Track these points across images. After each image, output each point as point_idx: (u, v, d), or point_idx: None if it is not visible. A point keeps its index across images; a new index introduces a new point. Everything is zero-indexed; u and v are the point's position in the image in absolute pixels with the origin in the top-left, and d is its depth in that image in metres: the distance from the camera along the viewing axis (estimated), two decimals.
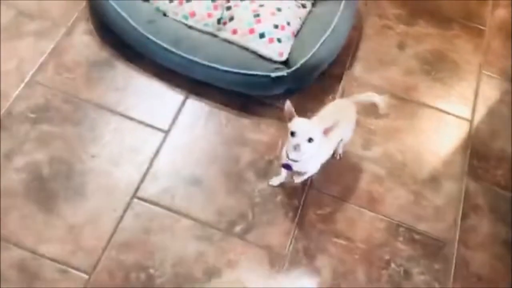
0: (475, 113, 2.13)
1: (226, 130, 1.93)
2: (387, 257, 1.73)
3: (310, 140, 1.44)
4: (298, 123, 1.46)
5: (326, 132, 1.46)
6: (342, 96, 2.06)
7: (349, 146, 1.91)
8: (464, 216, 1.85)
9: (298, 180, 1.75)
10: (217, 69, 1.87)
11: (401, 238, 1.78)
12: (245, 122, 1.95)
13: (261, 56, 1.89)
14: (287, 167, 1.61)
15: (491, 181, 1.96)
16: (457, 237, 1.80)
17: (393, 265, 1.72)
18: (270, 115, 1.98)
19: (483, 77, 2.24)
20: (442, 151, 2.01)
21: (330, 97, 2.06)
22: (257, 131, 1.94)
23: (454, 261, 1.76)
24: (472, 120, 2.11)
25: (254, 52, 1.89)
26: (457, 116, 2.11)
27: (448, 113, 2.11)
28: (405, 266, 1.72)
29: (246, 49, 1.90)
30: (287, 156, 1.54)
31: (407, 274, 1.71)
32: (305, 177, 1.71)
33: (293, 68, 1.87)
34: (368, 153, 1.94)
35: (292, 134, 1.45)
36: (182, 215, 1.70)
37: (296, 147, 1.44)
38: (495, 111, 2.16)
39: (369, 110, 2.02)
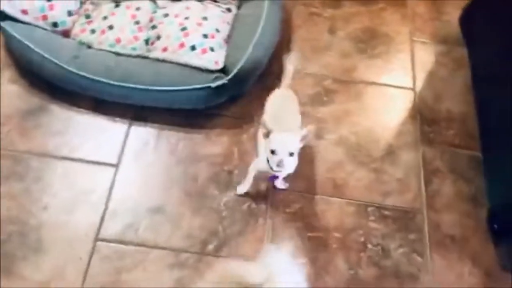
0: (416, 81, 2.18)
1: (178, 150, 1.88)
2: (362, 239, 1.74)
3: (291, 154, 1.45)
4: (277, 140, 1.45)
5: (303, 140, 1.47)
6: None
7: None
8: (427, 182, 1.89)
9: (283, 186, 1.78)
10: (155, 91, 1.83)
11: (372, 218, 1.79)
12: (196, 137, 1.91)
13: (197, 68, 1.85)
14: (274, 177, 1.68)
15: (445, 142, 2.00)
16: (425, 204, 1.83)
17: (369, 245, 1.73)
18: (218, 125, 1.94)
19: (416, 44, 2.29)
20: (393, 124, 2.04)
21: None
22: (209, 144, 1.90)
23: (426, 228, 1.79)
24: (414, 88, 2.15)
25: (189, 66, 1.85)
26: (400, 87, 2.15)
27: (391, 86, 2.15)
28: (381, 244, 1.74)
29: (180, 64, 1.86)
30: (271, 169, 1.52)
31: (385, 251, 1.73)
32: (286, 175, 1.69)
33: (232, 74, 1.84)
34: (322, 141, 1.94)
35: (273, 152, 1.45)
36: (150, 247, 1.65)
37: (279, 163, 1.45)
38: (434, 74, 2.21)
39: (315, 98, 2.03)
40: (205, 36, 1.88)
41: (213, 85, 1.82)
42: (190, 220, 1.71)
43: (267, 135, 1.48)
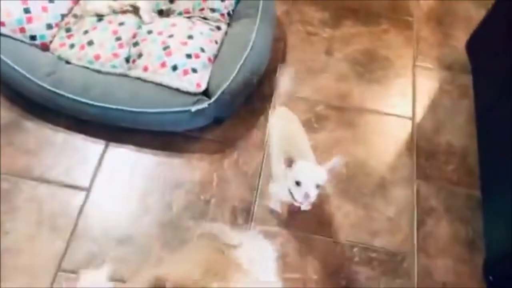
0: (416, 109, 2.04)
1: (155, 175, 1.78)
2: (343, 283, 1.61)
3: (318, 186, 1.35)
4: (302, 172, 1.36)
5: (331, 171, 1.36)
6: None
7: None
8: (420, 223, 1.75)
9: (308, 207, 1.68)
10: (133, 112, 1.72)
11: (356, 259, 1.66)
12: (175, 162, 1.81)
13: (178, 90, 1.74)
14: (298, 208, 1.61)
15: (443, 178, 1.86)
16: (416, 247, 1.69)
17: None
18: (200, 149, 1.84)
19: (418, 69, 2.16)
20: (387, 156, 1.90)
21: (262, 118, 1.93)
22: (189, 169, 1.79)
23: (416, 274, 1.64)
24: (414, 117, 2.01)
25: (169, 88, 1.74)
26: (397, 116, 2.01)
27: (388, 114, 2.01)
28: None
29: (161, 85, 1.75)
30: (293, 199, 1.42)
31: None
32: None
33: (214, 98, 1.73)
34: None
35: (298, 183, 1.35)
36: (116, 281, 1.54)
37: (305, 196, 1.35)
38: (436, 103, 2.07)
39: (305, 125, 1.90)
40: (189, 56, 1.77)
41: (193, 109, 1.71)
42: (160, 253, 1.60)
43: (289, 164, 1.37)
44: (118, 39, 1.82)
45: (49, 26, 1.83)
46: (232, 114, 1.90)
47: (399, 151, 1.92)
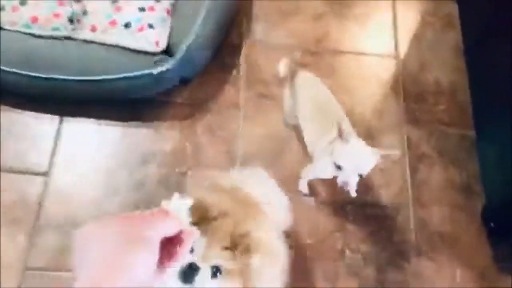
0: (399, 46, 1.87)
1: (121, 149, 1.59)
2: (339, 245, 1.51)
3: (361, 175, 1.17)
4: (347, 156, 1.14)
5: (382, 159, 1.17)
6: (246, 68, 1.74)
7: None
8: (413, 171, 1.64)
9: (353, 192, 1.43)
10: (84, 81, 1.50)
11: (351, 218, 1.55)
12: (142, 132, 1.62)
13: (134, 51, 1.52)
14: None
15: (433, 121, 1.73)
16: (411, 198, 1.59)
17: (348, 252, 1.50)
18: (168, 116, 1.64)
19: (398, 1, 1.96)
20: (373, 102, 1.75)
21: (234, 72, 1.73)
22: (158, 139, 1.61)
23: (412, 227, 1.55)
24: (397, 56, 1.85)
25: (124, 49, 1.51)
26: (380, 55, 1.84)
27: (370, 55, 1.84)
28: (361, 249, 1.51)
29: (113, 46, 1.52)
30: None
31: (366, 258, 1.50)
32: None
33: (177, 57, 1.52)
34: (288, 130, 1.65)
35: (339, 167, 1.15)
36: None
37: (344, 184, 1.19)
38: (420, 37, 1.90)
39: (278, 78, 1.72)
40: (142, 9, 1.53)
41: (155, 71, 1.49)
42: None
43: (342, 134, 1.16)
44: None
45: None
46: (200, 72, 1.69)
47: (385, 94, 1.77)
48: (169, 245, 0.52)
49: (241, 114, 1.66)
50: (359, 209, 1.55)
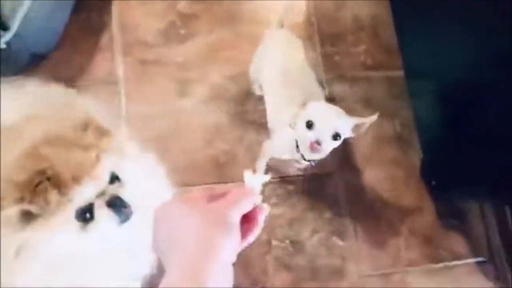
0: None
1: None
2: (264, 235, 1.25)
3: (336, 137, 0.94)
4: (317, 110, 0.96)
5: (357, 130, 0.98)
6: (121, 29, 1.36)
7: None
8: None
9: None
10: None
11: (273, 200, 1.28)
12: None
13: None
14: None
15: (355, 64, 1.46)
16: (337, 162, 1.34)
17: (275, 242, 1.25)
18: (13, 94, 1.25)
19: None
20: None
21: (106, 36, 1.35)
22: None
23: (343, 197, 1.32)
24: None
25: None
26: None
27: None
28: (290, 236, 1.26)
29: None
30: (297, 159, 1.04)
31: (295, 244, 1.26)
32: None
33: (11, 32, 1.11)
34: (184, 101, 1.33)
35: (309, 125, 0.93)
36: None
37: (315, 145, 0.92)
38: None
39: (168, 35, 1.37)
40: None
41: None
42: None
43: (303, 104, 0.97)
44: None
45: None
46: (58, 42, 1.30)
47: None
48: (244, 222, 0.50)
49: (121, 90, 1.30)
50: (279, 188, 1.29)
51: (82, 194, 0.68)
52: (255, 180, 0.54)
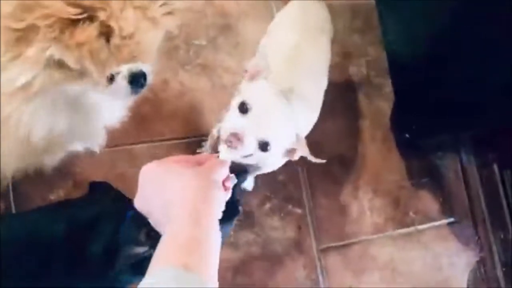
0: None
1: None
2: None
3: (263, 146, 0.69)
4: (262, 90, 0.72)
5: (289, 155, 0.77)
6: None
7: None
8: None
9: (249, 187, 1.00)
10: None
11: None
12: None
13: None
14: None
15: None
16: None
17: None
18: None
19: None
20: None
21: None
22: None
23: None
24: None
25: None
26: None
27: None
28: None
29: None
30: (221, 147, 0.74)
31: (243, 215, 1.03)
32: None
33: None
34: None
35: (243, 108, 0.69)
36: None
37: (231, 140, 0.67)
38: None
39: None
40: None
41: None
42: None
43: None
44: None
45: None
46: None
47: None
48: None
49: None
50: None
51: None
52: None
